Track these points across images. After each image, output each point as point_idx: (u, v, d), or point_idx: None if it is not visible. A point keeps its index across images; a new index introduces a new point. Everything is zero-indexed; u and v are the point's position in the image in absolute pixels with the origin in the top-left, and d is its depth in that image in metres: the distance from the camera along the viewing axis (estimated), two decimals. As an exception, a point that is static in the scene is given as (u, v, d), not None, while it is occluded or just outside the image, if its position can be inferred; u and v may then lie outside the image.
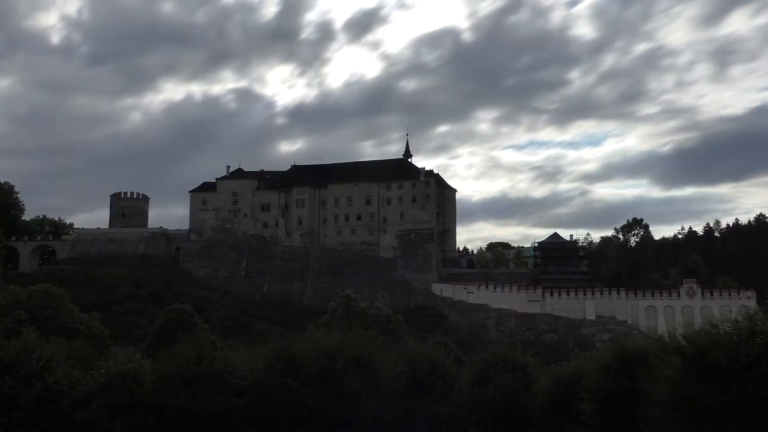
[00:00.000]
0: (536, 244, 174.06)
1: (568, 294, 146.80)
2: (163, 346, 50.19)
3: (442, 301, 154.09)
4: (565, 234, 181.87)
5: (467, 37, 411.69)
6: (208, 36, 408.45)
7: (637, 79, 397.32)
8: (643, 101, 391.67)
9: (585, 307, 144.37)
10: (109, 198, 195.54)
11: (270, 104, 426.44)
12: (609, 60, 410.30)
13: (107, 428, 35.80)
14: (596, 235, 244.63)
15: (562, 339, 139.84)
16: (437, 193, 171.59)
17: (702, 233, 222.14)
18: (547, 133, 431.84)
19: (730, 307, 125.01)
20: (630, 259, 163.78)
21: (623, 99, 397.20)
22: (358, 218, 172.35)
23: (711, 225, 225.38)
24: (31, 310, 78.98)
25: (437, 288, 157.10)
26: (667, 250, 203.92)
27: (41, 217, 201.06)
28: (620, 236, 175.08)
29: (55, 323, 77.63)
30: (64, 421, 35.80)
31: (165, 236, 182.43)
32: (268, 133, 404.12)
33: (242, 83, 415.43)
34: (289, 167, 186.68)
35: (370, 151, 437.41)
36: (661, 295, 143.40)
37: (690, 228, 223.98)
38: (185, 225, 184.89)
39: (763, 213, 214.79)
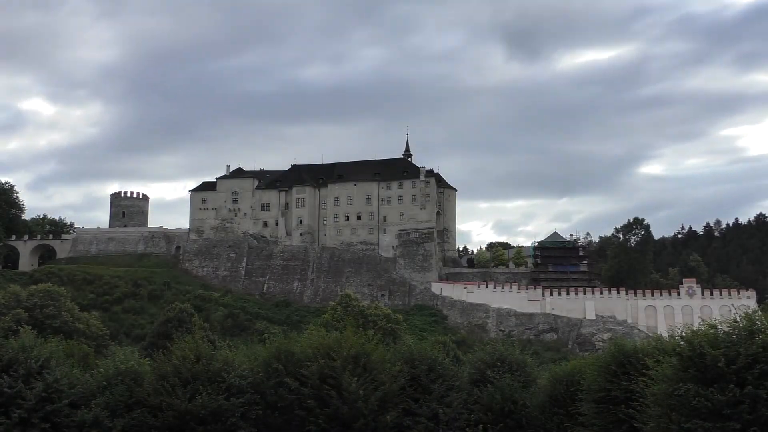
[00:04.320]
0: (536, 244, 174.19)
1: (567, 293, 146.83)
2: (162, 345, 50.29)
3: (442, 300, 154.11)
4: (564, 233, 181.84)
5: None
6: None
7: None
8: None
9: (585, 306, 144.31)
10: (109, 197, 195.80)
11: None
12: None
13: (106, 427, 35.78)
14: (596, 235, 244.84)
15: (562, 338, 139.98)
16: (437, 192, 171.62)
17: (702, 233, 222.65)
18: None
19: (730, 306, 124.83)
20: (630, 259, 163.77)
21: None
22: (358, 218, 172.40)
23: (711, 225, 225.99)
24: (31, 309, 79.11)
25: (437, 287, 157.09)
26: (667, 250, 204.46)
27: (41, 216, 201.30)
28: (620, 236, 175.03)
29: (54, 322, 77.77)
30: (63, 421, 35.79)
31: (165, 235, 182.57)
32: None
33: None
34: (289, 166, 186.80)
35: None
36: (661, 295, 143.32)
37: (690, 228, 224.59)
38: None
39: (763, 213, 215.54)
